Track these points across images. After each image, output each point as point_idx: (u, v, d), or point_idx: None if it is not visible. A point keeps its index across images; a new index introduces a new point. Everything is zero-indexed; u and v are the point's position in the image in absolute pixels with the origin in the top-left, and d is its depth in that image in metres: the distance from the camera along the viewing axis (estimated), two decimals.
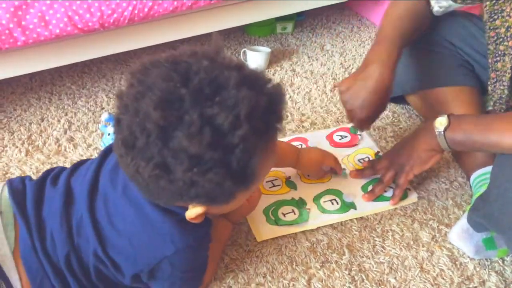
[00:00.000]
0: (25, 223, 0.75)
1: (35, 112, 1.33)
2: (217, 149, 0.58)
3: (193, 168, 0.59)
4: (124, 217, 0.74)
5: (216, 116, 0.57)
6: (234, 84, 0.59)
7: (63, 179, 0.80)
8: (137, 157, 0.60)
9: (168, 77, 0.59)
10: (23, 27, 1.05)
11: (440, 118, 0.90)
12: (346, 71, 1.51)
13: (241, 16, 1.41)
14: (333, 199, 1.05)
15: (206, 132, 0.57)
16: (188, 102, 0.58)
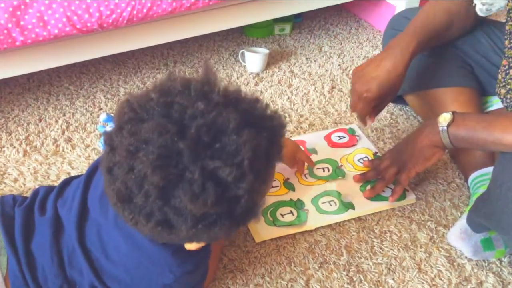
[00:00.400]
0: (14, 254, 0.73)
1: (33, 113, 1.32)
2: (222, 205, 0.56)
3: (198, 225, 0.57)
4: (118, 248, 0.71)
5: (218, 169, 0.54)
6: (234, 127, 0.55)
7: (50, 206, 0.77)
8: (135, 212, 0.57)
9: (163, 130, 0.54)
10: (21, 27, 1.05)
11: (444, 114, 0.90)
12: (344, 72, 1.51)
13: (239, 17, 1.41)
14: (331, 200, 1.05)
15: (209, 189, 0.54)
16: (187, 157, 0.54)
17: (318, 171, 1.12)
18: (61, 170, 1.14)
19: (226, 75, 1.50)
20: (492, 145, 0.85)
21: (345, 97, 1.40)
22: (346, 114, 1.33)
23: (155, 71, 1.51)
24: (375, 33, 1.73)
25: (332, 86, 1.45)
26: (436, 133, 0.91)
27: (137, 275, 0.72)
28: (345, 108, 1.35)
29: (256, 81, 1.47)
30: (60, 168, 1.14)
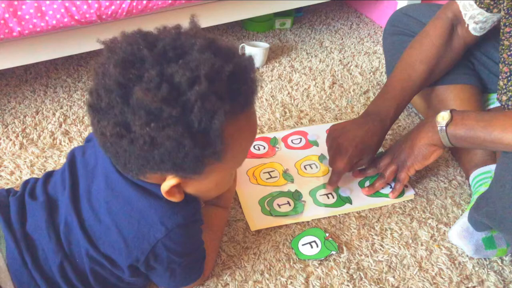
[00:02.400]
0: (12, 237, 0.74)
1: (30, 105, 1.31)
2: (174, 106, 0.58)
3: (151, 122, 0.59)
4: (110, 209, 0.73)
5: (175, 73, 0.58)
6: (198, 49, 0.60)
7: (40, 190, 0.78)
8: (102, 119, 0.61)
9: (133, 41, 0.61)
10: (19, 17, 1.03)
11: (442, 113, 0.89)
12: (345, 68, 1.50)
13: (239, 11, 1.40)
14: (329, 193, 1.05)
15: (163, 87, 0.57)
16: (149, 62, 0.59)
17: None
18: (58, 163, 1.12)
19: None
20: (492, 144, 0.84)
21: (345, 93, 1.38)
22: (347, 109, 1.32)
23: None
24: (376, 28, 1.72)
25: (333, 81, 1.43)
26: (435, 132, 0.90)
27: (130, 234, 0.72)
28: (346, 103, 1.34)
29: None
30: (57, 161, 1.13)
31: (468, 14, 1.02)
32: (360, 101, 1.35)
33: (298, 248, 0.94)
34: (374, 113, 1.04)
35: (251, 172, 1.10)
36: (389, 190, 1.06)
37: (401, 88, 1.05)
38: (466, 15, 1.02)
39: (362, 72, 1.48)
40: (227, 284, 0.88)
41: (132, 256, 0.73)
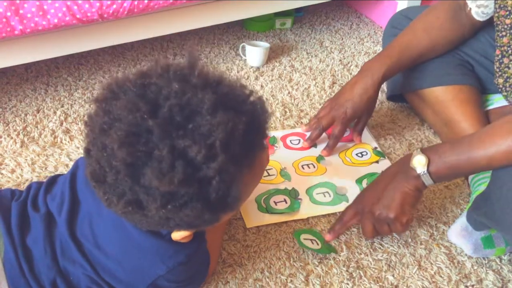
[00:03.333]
0: (11, 243, 0.72)
1: (31, 103, 1.31)
2: (191, 184, 0.54)
3: (167, 205, 0.55)
4: (110, 239, 0.71)
5: (188, 148, 0.53)
6: (208, 108, 0.54)
7: (41, 202, 0.76)
8: (109, 192, 0.57)
9: (134, 107, 0.54)
10: (20, 15, 1.04)
11: (417, 157, 0.83)
12: (345, 68, 1.50)
13: (240, 10, 1.40)
14: (326, 192, 1.06)
15: (178, 167, 0.53)
16: (156, 135, 0.53)
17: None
18: (59, 161, 1.13)
19: (226, 68, 1.49)
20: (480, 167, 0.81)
21: None
22: None
23: None
24: (376, 29, 1.72)
25: (333, 81, 1.44)
26: (415, 178, 0.84)
27: (129, 267, 0.72)
28: None
29: (257, 75, 1.46)
30: (58, 159, 1.13)
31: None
32: None
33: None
34: (367, 69, 1.11)
35: None
36: None
37: (398, 50, 1.10)
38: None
39: None
40: (228, 282, 0.89)
41: (132, 285, 0.73)
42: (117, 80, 0.58)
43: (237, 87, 0.60)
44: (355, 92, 1.10)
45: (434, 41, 1.10)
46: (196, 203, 0.56)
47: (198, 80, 0.57)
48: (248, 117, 0.57)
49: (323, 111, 1.13)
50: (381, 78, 1.09)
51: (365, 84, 1.09)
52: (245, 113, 0.57)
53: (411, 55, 1.11)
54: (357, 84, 1.10)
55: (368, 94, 1.09)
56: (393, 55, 1.10)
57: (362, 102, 1.10)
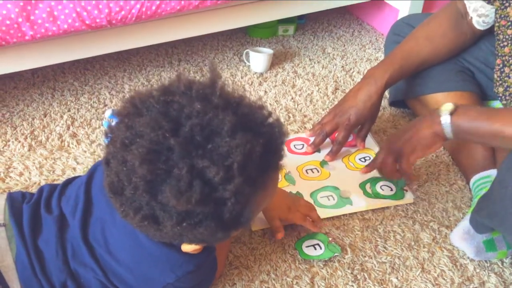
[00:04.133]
0: (23, 245, 0.74)
1: (38, 108, 1.33)
2: (207, 204, 0.56)
3: (182, 223, 0.57)
4: (123, 246, 0.72)
5: (206, 169, 0.54)
6: (228, 129, 0.55)
7: (55, 204, 0.78)
8: (126, 205, 0.59)
9: (156, 125, 0.55)
10: (31, 21, 1.06)
11: (446, 104, 0.89)
12: (347, 74, 1.53)
13: (244, 17, 1.43)
14: (330, 195, 1.07)
15: (195, 187, 0.54)
16: (177, 154, 0.54)
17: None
18: (66, 165, 1.14)
19: (230, 74, 1.51)
20: (492, 138, 0.84)
21: None
22: None
23: (160, 69, 1.51)
24: (377, 36, 1.75)
25: (335, 87, 1.46)
26: (438, 123, 0.89)
27: (140, 274, 0.73)
28: None
29: (260, 81, 1.48)
30: (65, 163, 1.15)
31: (472, 6, 1.06)
32: None
33: (302, 249, 0.96)
34: (370, 76, 1.13)
35: None
36: (389, 191, 1.08)
37: (401, 57, 1.13)
38: (470, 7, 1.06)
39: None
40: (234, 284, 0.90)
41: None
42: (140, 95, 0.60)
43: (257, 108, 0.61)
44: (359, 98, 1.12)
45: (437, 49, 1.13)
46: (210, 222, 0.58)
47: (220, 100, 0.58)
48: (265, 139, 0.58)
49: (327, 117, 1.15)
50: (384, 85, 1.11)
51: (369, 91, 1.11)
52: (263, 134, 0.59)
53: (413, 62, 1.13)
54: (360, 91, 1.12)
55: (371, 101, 1.11)
56: (396, 62, 1.13)
57: (365, 108, 1.12)
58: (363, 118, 1.13)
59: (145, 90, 0.61)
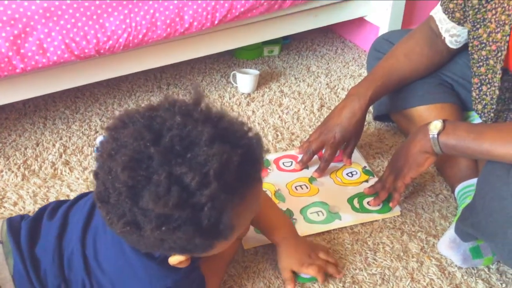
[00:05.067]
0: (20, 256, 0.77)
1: (30, 137, 1.35)
2: (185, 209, 0.59)
3: (161, 227, 0.60)
4: (108, 256, 0.75)
5: (184, 175, 0.58)
6: (206, 140, 0.59)
7: (62, 212, 0.81)
8: (111, 212, 0.62)
9: (139, 136, 0.59)
10: (21, 54, 1.09)
11: (435, 122, 0.93)
12: (332, 91, 1.57)
13: (230, 40, 1.47)
14: (319, 211, 1.10)
15: (173, 192, 0.57)
16: (157, 161, 0.58)
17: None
18: (60, 192, 1.16)
19: (219, 96, 1.54)
20: (481, 156, 0.88)
21: None
22: None
23: (149, 94, 1.54)
24: (360, 52, 1.80)
25: (321, 104, 1.50)
26: (427, 140, 0.94)
27: (119, 284, 0.75)
28: None
29: (248, 101, 1.51)
30: (59, 190, 1.17)
31: (444, 27, 1.11)
32: None
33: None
34: (353, 94, 1.16)
35: None
36: (376, 206, 1.11)
37: (382, 74, 1.16)
38: (442, 28, 1.11)
39: None
40: None
41: None
42: (128, 111, 0.64)
43: (237, 123, 0.65)
44: (343, 116, 1.15)
45: (415, 66, 1.17)
46: (188, 227, 0.60)
47: (200, 115, 0.62)
48: (243, 150, 0.62)
49: (313, 135, 1.19)
50: (367, 101, 1.15)
51: (353, 108, 1.15)
52: (241, 146, 0.62)
53: (394, 79, 1.17)
54: (344, 109, 1.15)
55: (356, 118, 1.15)
56: (377, 79, 1.16)
57: (350, 125, 1.15)
58: (348, 135, 1.16)
59: (134, 108, 0.66)
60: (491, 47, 0.97)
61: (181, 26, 1.25)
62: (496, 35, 0.94)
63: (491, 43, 0.96)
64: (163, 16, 1.21)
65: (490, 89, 1.01)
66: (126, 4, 1.16)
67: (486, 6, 0.95)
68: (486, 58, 0.99)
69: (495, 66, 0.97)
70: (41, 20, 1.08)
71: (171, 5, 1.21)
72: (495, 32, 0.94)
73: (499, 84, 0.99)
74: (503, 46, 0.93)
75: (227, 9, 1.29)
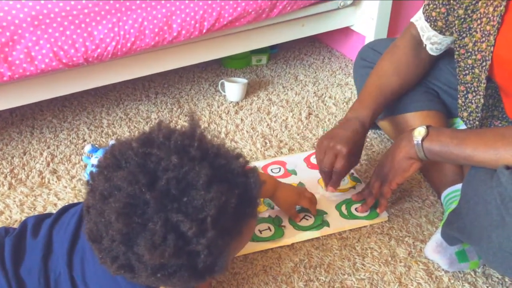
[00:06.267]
0: (4, 276, 0.75)
1: (17, 146, 1.34)
2: (181, 256, 0.58)
3: (156, 273, 0.59)
4: (98, 279, 0.73)
5: (181, 223, 0.57)
6: (203, 182, 0.58)
7: (45, 230, 0.78)
8: (104, 252, 0.61)
9: (133, 179, 0.57)
10: (9, 62, 1.08)
11: (419, 128, 0.94)
12: (319, 99, 1.58)
13: (218, 49, 1.48)
14: (307, 215, 1.11)
15: (169, 241, 0.56)
16: (152, 208, 0.57)
17: None
18: (48, 201, 1.15)
19: (207, 104, 1.55)
20: (464, 161, 0.90)
21: (321, 123, 1.46)
22: None
23: (137, 103, 1.55)
24: (346, 61, 1.82)
25: (309, 112, 1.51)
26: (411, 146, 0.95)
27: None
28: (322, 132, 1.42)
29: (236, 110, 1.52)
30: (46, 199, 1.16)
31: (425, 35, 1.12)
32: None
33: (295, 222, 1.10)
34: (354, 118, 1.12)
35: None
36: (364, 212, 1.12)
37: (375, 97, 1.15)
38: (424, 36, 1.13)
39: (336, 103, 1.56)
40: None
41: None
42: (120, 145, 0.62)
43: (233, 158, 0.64)
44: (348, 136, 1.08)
45: (404, 80, 1.17)
46: (184, 273, 0.60)
47: (197, 152, 0.61)
48: (241, 189, 0.62)
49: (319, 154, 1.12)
50: (368, 125, 1.13)
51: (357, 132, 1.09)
52: (239, 185, 0.62)
53: (386, 98, 1.16)
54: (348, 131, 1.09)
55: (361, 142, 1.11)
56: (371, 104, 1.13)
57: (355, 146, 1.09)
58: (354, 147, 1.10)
59: (126, 140, 0.63)
60: (476, 56, 0.99)
61: (169, 34, 1.26)
62: (481, 45, 0.96)
63: (477, 52, 0.98)
64: (151, 24, 1.22)
65: (476, 97, 1.03)
66: (114, 12, 1.17)
67: (471, 15, 0.97)
68: (472, 67, 1.01)
69: (480, 75, 0.99)
70: (29, 28, 1.08)
71: (159, 14, 1.22)
72: (480, 42, 0.96)
73: (484, 93, 1.01)
74: (488, 56, 0.95)
75: (215, 18, 1.31)
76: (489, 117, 1.07)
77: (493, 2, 0.91)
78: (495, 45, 0.93)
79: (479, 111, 1.04)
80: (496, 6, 0.90)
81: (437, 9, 1.06)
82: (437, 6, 1.05)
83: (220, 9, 1.30)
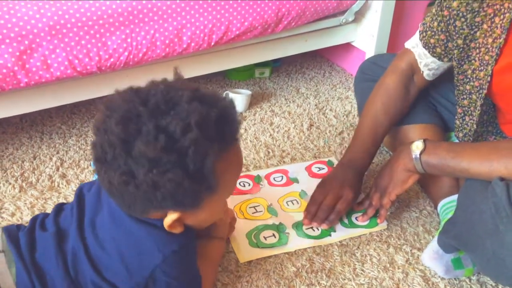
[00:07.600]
0: (22, 264, 0.80)
1: (27, 151, 1.38)
2: (172, 153, 0.67)
3: (153, 169, 0.68)
4: (113, 237, 0.80)
5: (169, 124, 0.67)
6: (186, 100, 0.69)
7: (51, 222, 0.86)
8: (108, 169, 0.70)
9: (129, 99, 0.70)
10: (26, 69, 1.13)
11: (417, 142, 0.99)
12: (320, 111, 1.63)
13: (224, 61, 1.53)
14: (311, 227, 1.14)
15: (160, 138, 0.66)
16: (145, 117, 0.68)
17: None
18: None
19: None
20: (460, 173, 0.94)
21: (322, 134, 1.51)
22: (324, 149, 1.44)
23: None
24: (347, 76, 1.88)
25: (310, 123, 1.56)
26: (410, 160, 1.01)
27: (131, 261, 0.80)
28: (323, 143, 1.46)
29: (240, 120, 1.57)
30: (56, 202, 1.19)
31: (423, 62, 1.15)
32: (336, 141, 1.48)
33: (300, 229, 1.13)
34: (349, 165, 1.17)
35: (238, 207, 1.19)
36: (364, 221, 1.16)
37: (369, 140, 1.19)
38: (421, 63, 1.16)
39: (337, 115, 1.62)
40: None
41: (133, 281, 0.81)
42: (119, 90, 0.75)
43: (212, 91, 0.76)
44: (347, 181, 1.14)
45: (392, 119, 1.20)
46: (177, 169, 0.68)
47: (181, 86, 0.73)
48: (219, 110, 0.71)
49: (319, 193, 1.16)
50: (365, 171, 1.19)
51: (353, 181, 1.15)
52: (217, 107, 0.71)
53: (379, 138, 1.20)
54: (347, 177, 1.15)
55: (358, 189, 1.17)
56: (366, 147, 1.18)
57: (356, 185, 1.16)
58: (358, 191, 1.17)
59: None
60: (474, 83, 1.02)
61: (180, 46, 1.31)
62: (479, 73, 0.99)
63: (475, 80, 1.02)
64: (162, 36, 1.27)
65: (471, 121, 1.08)
66: (127, 24, 1.22)
67: (470, 44, 1.00)
68: (469, 93, 1.05)
69: (476, 101, 1.04)
70: (46, 37, 1.13)
71: (171, 27, 1.28)
72: (479, 70, 0.99)
73: (477, 120, 1.06)
74: (485, 85, 0.99)
75: (223, 32, 1.36)
76: (484, 132, 1.12)
77: (492, 34, 0.95)
78: (492, 76, 0.97)
79: (471, 135, 1.09)
80: (496, 38, 0.94)
81: (436, 36, 1.08)
82: (435, 33, 1.07)
83: (228, 23, 1.36)
